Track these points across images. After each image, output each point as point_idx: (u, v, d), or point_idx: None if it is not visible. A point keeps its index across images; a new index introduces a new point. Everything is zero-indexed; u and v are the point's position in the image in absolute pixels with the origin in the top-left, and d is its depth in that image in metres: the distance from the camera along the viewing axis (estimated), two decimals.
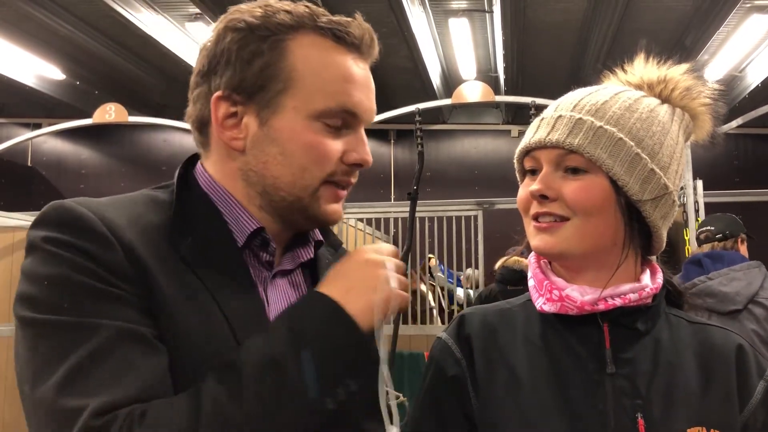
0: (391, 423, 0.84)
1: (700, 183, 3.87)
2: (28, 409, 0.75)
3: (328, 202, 0.90)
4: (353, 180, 0.93)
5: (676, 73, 1.01)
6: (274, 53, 0.86)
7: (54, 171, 9.68)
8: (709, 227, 2.87)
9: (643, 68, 1.03)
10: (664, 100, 1.00)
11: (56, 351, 0.74)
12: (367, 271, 0.85)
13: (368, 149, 0.91)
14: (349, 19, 0.90)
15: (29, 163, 9.67)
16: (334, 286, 0.84)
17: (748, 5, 5.87)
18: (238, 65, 0.86)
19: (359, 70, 0.90)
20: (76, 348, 0.73)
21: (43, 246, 0.78)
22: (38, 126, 8.64)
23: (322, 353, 0.78)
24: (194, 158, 0.95)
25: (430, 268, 5.08)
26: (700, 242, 2.90)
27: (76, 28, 6.58)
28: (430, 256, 4.95)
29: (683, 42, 6.60)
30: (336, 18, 0.89)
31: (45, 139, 9.43)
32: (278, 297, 0.91)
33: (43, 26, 6.45)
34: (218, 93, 0.86)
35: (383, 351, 0.86)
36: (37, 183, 9.58)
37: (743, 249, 2.86)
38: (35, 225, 0.81)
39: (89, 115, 4.90)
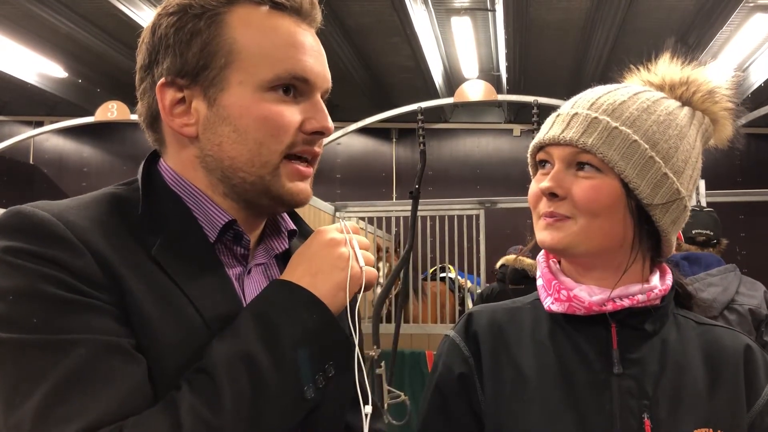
0: (367, 403, 0.82)
1: (702, 183, 3.86)
2: None
3: (291, 180, 0.85)
4: (318, 150, 0.87)
5: (700, 75, 0.99)
6: (212, 29, 0.82)
7: (56, 169, 9.68)
8: (708, 231, 2.84)
9: (666, 68, 1.01)
10: (685, 102, 0.98)
11: (30, 373, 0.69)
12: (331, 252, 0.83)
13: (327, 116, 0.86)
14: None
15: (31, 161, 9.67)
16: (299, 271, 0.82)
17: (751, 5, 5.86)
18: (177, 48, 0.82)
19: (304, 34, 0.86)
20: (51, 369, 0.69)
21: (4, 257, 0.72)
22: (40, 124, 8.65)
23: (297, 341, 0.76)
24: (156, 154, 0.91)
25: (451, 279, 5.04)
26: (694, 244, 2.86)
27: (79, 26, 6.58)
28: (450, 266, 4.92)
29: (686, 41, 6.58)
30: None
31: (47, 137, 9.43)
32: (255, 292, 0.87)
33: (46, 24, 6.45)
34: (161, 80, 0.82)
35: (357, 329, 0.85)
36: (39, 181, 9.58)
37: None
38: None
39: (91, 113, 4.90)
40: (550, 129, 0.96)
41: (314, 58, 0.85)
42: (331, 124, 0.87)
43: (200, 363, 0.74)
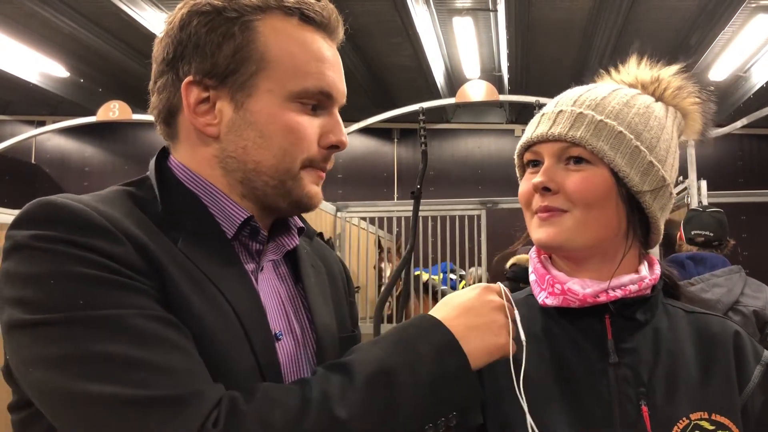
0: None
1: (704, 183, 3.86)
2: (89, 411, 0.68)
3: (310, 184, 0.88)
4: (330, 166, 0.91)
5: (668, 73, 1.05)
6: (245, 35, 0.84)
7: (58, 168, 9.69)
8: (707, 232, 2.82)
9: (636, 69, 1.07)
10: (658, 98, 1.03)
11: (87, 350, 0.68)
12: (491, 315, 0.86)
13: (344, 130, 0.90)
14: (313, 0, 0.89)
15: (33, 161, 9.68)
16: (456, 319, 0.84)
17: (754, 5, 5.85)
18: (208, 49, 0.83)
19: (330, 50, 0.89)
20: (112, 342, 0.68)
21: (35, 244, 0.72)
22: (42, 123, 8.66)
23: (434, 379, 0.78)
24: (164, 152, 0.92)
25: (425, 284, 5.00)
26: (694, 244, 2.84)
27: (81, 26, 6.58)
28: (421, 273, 4.87)
29: (688, 42, 6.58)
30: None
31: (49, 137, 9.44)
32: (268, 289, 0.90)
33: (48, 24, 6.46)
34: (188, 78, 0.84)
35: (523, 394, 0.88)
36: (41, 180, 9.59)
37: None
38: (19, 224, 0.74)
39: (93, 113, 4.91)
40: (536, 128, 1.00)
41: (337, 73, 0.89)
42: (346, 138, 0.90)
43: (342, 359, 0.78)
